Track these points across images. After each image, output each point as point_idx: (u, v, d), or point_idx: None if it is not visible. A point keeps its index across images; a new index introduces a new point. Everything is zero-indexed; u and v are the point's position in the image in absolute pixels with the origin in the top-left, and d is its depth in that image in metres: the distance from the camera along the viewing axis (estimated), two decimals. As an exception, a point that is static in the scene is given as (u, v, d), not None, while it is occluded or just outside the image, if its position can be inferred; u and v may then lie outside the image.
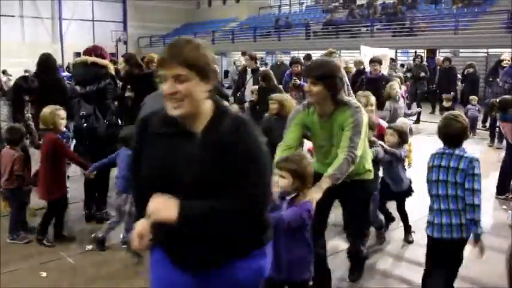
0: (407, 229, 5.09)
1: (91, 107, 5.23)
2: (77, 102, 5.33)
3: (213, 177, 1.83)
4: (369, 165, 3.67)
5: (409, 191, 4.98)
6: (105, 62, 5.25)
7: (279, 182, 2.97)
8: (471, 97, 11.66)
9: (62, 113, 4.87)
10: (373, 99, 5.58)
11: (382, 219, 5.13)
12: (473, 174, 3.20)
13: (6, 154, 4.89)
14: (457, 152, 3.29)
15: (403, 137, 4.89)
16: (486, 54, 19.96)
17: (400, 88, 7.93)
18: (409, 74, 14.44)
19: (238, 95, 9.38)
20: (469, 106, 11.49)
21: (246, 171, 1.84)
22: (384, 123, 5.54)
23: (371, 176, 3.71)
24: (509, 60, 10.24)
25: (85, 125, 5.27)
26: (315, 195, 2.96)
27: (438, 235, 3.37)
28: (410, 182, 4.98)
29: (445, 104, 12.56)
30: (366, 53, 11.75)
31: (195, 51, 1.85)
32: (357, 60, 11.11)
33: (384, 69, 10.41)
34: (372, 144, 4.25)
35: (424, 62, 17.09)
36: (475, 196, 3.19)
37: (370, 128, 4.05)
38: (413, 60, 16.52)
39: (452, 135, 3.34)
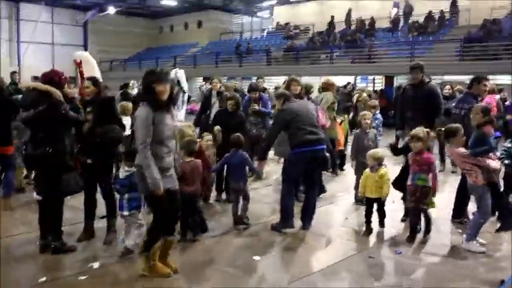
0: None
1: (29, 133, 5.15)
2: (22, 128, 5.23)
3: None
4: None
5: None
6: (46, 87, 5.09)
7: None
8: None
9: None
10: None
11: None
12: None
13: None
14: None
15: None
16: (441, 81, 20.63)
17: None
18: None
19: (203, 117, 9.41)
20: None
21: None
22: None
23: None
24: (450, 89, 10.77)
25: (23, 152, 5.19)
26: None
27: None
28: None
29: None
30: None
31: None
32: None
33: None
34: None
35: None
36: None
37: None
38: (345, 87, 15.26)
39: None
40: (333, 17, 28.70)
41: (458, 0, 24.83)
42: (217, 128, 7.27)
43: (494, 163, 5.47)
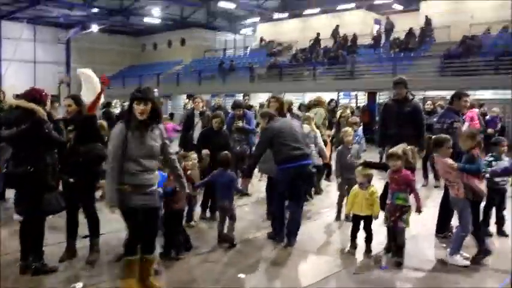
0: None
1: (11, 151, 5.08)
2: (4, 146, 5.15)
3: None
4: None
5: None
6: (30, 105, 5.04)
7: None
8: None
9: None
10: None
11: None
12: None
13: None
14: None
15: None
16: (422, 97, 20.89)
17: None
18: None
19: (186, 137, 9.32)
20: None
21: None
22: None
23: None
24: (431, 104, 11.05)
25: (4, 170, 5.11)
26: None
27: None
28: None
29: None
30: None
31: None
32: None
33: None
34: None
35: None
36: None
37: None
38: (328, 103, 13.76)
39: None
40: (318, 33, 29.01)
41: (438, 16, 25.29)
42: (205, 152, 7.20)
43: (478, 185, 5.50)
